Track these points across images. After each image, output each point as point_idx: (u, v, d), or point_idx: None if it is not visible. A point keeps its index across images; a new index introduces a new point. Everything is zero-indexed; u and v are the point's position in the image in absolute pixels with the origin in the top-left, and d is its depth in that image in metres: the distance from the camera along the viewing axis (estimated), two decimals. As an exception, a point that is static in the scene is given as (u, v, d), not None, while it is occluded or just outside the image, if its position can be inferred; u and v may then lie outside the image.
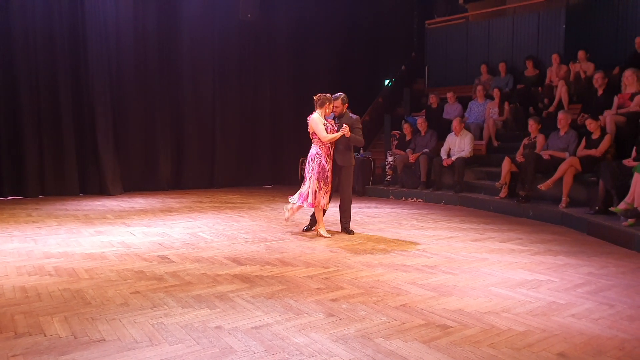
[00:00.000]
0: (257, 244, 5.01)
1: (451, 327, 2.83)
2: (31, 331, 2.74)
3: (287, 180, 11.12)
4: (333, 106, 5.34)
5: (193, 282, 3.68)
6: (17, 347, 2.54)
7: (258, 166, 11.00)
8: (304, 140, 9.15)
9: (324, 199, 5.24)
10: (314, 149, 5.30)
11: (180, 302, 3.23)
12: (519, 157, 6.80)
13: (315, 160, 5.24)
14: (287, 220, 5.60)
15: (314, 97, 5.31)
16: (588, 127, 6.35)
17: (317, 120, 5.20)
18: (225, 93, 10.50)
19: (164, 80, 9.75)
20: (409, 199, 8.39)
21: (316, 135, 5.23)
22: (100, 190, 9.04)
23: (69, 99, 8.80)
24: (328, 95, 5.32)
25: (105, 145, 9.05)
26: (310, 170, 5.25)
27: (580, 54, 8.35)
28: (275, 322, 2.88)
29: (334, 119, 5.45)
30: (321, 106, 5.25)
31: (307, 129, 5.32)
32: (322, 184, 5.20)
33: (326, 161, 5.24)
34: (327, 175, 5.24)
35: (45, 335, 2.68)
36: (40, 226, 5.91)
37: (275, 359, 2.43)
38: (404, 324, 2.87)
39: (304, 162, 10.63)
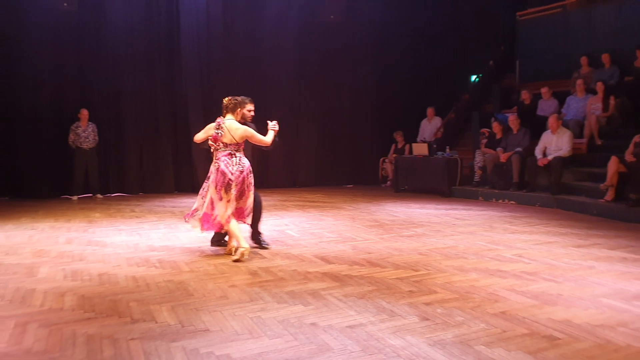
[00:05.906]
0: (343, 243, 5.03)
1: (559, 338, 2.63)
2: (144, 317, 2.97)
3: (367, 180, 11.05)
4: (248, 110, 4.65)
5: (285, 278, 3.77)
6: (134, 331, 2.76)
7: (338, 166, 11.06)
8: (384, 140, 8.98)
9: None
10: (243, 161, 4.60)
11: (275, 297, 3.32)
12: (628, 157, 6.18)
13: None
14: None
15: (224, 101, 4.55)
16: None
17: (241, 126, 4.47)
18: (307, 94, 10.69)
19: (248, 81, 9.99)
20: (500, 201, 7.96)
21: (235, 143, 4.47)
22: (193, 188, 9.62)
23: (166, 105, 9.62)
24: (239, 98, 4.59)
25: (197, 148, 9.67)
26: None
27: (703, 39, 7.41)
28: (369, 323, 2.86)
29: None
30: (233, 110, 4.52)
31: (217, 136, 4.49)
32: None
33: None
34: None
35: (156, 322, 2.89)
36: (142, 221, 6.40)
37: (373, 359, 2.41)
38: (505, 332, 2.72)
39: (384, 162, 10.67)
